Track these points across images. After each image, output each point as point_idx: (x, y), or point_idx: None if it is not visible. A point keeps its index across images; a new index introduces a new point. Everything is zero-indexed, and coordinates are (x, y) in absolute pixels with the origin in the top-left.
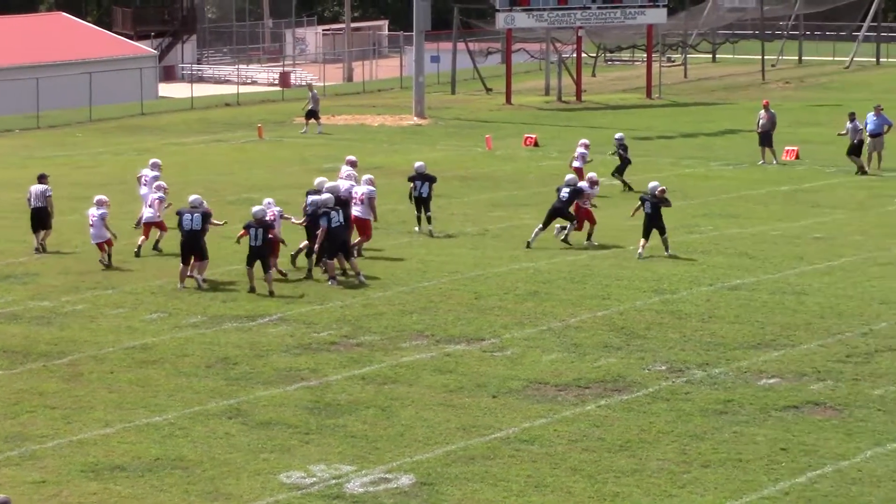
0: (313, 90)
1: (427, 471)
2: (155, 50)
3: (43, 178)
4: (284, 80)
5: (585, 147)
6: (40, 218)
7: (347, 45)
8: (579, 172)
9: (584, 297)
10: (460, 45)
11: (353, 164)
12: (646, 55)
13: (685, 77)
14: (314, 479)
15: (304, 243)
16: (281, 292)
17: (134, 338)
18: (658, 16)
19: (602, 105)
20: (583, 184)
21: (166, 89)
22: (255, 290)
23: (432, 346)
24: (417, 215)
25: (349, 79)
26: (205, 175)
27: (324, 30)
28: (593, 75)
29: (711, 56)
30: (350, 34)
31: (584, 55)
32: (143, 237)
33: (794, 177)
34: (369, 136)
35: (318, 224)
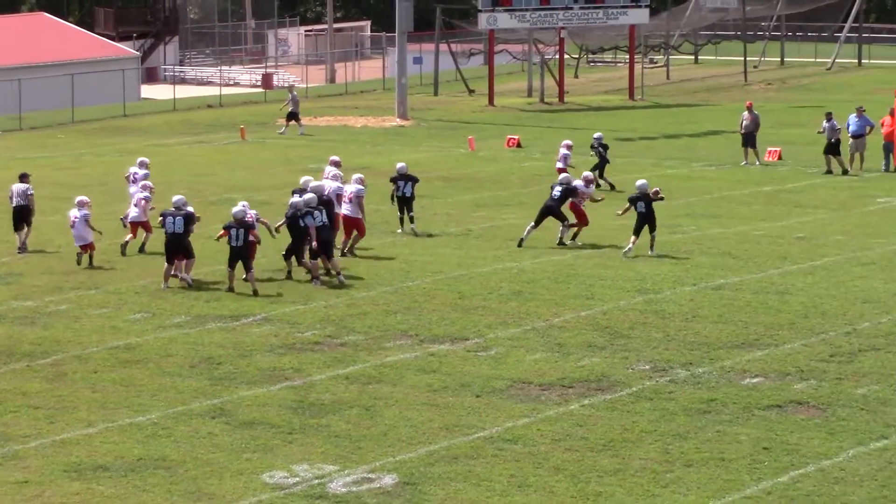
0: (293, 92)
1: (410, 470)
2: (137, 51)
3: (24, 177)
4: (267, 81)
5: (568, 148)
6: (22, 216)
7: (330, 46)
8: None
9: (567, 297)
10: (443, 47)
11: (336, 164)
12: (628, 56)
13: (667, 78)
14: (297, 478)
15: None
16: (265, 292)
17: (118, 338)
18: (640, 16)
19: (585, 106)
20: (578, 182)
21: (149, 91)
22: (235, 290)
23: (416, 345)
24: (400, 216)
25: (332, 80)
26: (187, 176)
27: (306, 31)
28: (576, 76)
29: (694, 57)
30: (332, 35)
31: (566, 56)
32: (131, 235)
33: (777, 177)
34: (352, 137)
35: (297, 226)
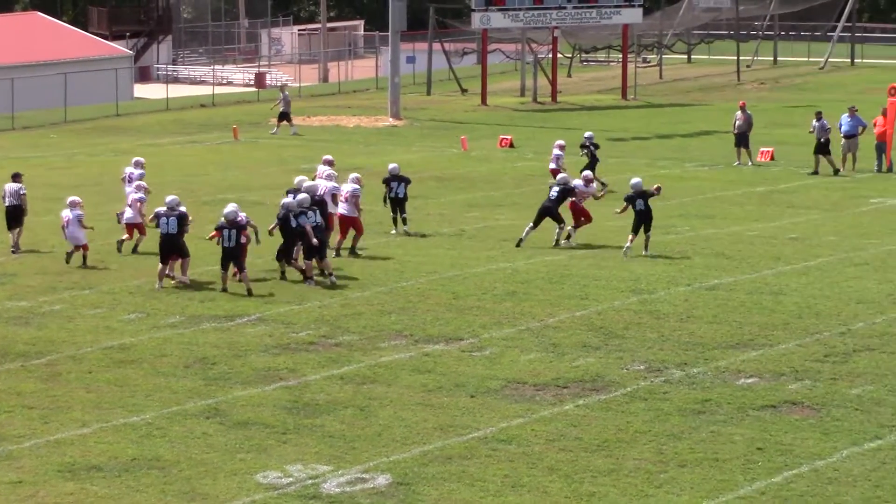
0: (285, 92)
1: (404, 471)
2: (130, 50)
3: (17, 176)
4: (260, 80)
5: (560, 149)
6: (15, 216)
7: (323, 45)
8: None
9: (562, 297)
10: (436, 46)
11: (330, 163)
12: (621, 56)
13: (660, 78)
14: (291, 479)
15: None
16: (260, 292)
17: (112, 338)
18: (633, 16)
19: (578, 106)
20: (577, 182)
21: (142, 90)
22: (228, 291)
23: (411, 345)
24: (394, 217)
25: (325, 79)
26: (180, 176)
27: (299, 30)
28: (569, 76)
29: (687, 57)
30: (326, 34)
31: (559, 56)
32: (127, 236)
33: (770, 178)
34: (345, 137)
35: (289, 226)
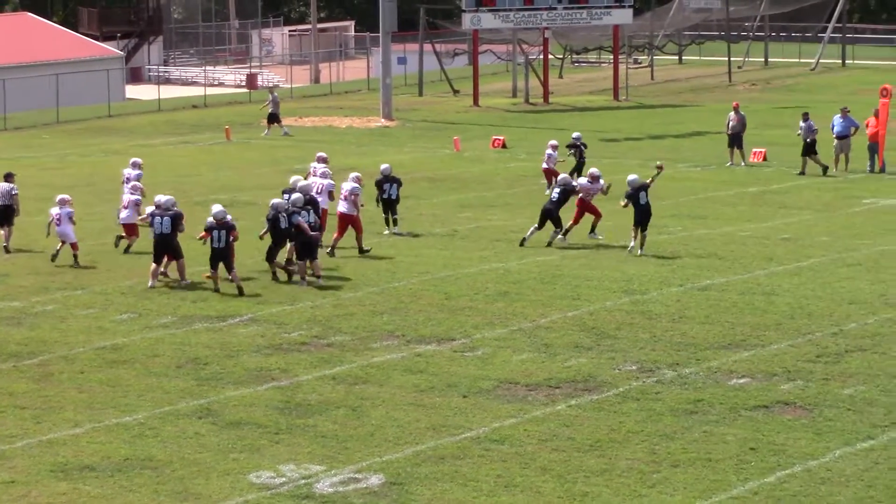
0: (274, 93)
1: (397, 470)
2: (121, 51)
3: (9, 176)
4: (251, 81)
5: (553, 149)
6: (6, 216)
7: (314, 46)
8: (548, 173)
9: (554, 298)
10: (427, 47)
11: (324, 160)
12: (612, 57)
13: (652, 79)
14: (283, 479)
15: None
16: (252, 292)
17: (104, 338)
18: (624, 16)
19: (569, 107)
20: (582, 180)
21: (133, 91)
22: (220, 291)
23: (403, 346)
24: (385, 217)
25: (316, 80)
26: (172, 177)
27: (290, 31)
28: (560, 77)
29: (678, 58)
30: (316, 35)
31: (550, 57)
32: (124, 234)
33: (762, 178)
34: (337, 137)
35: (278, 227)
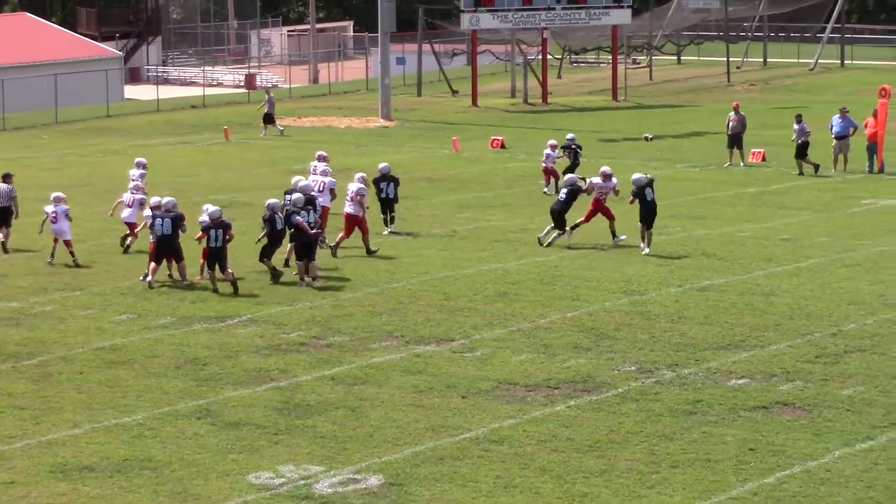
0: (270, 94)
1: (396, 471)
2: (120, 51)
3: (7, 177)
4: (250, 81)
5: (552, 148)
6: (5, 217)
7: (313, 46)
8: (548, 172)
9: (553, 298)
10: (426, 47)
11: (324, 159)
12: (611, 57)
13: (651, 79)
14: (283, 479)
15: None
16: (251, 292)
17: (103, 339)
18: (622, 17)
19: (568, 107)
20: (595, 179)
21: (132, 91)
22: (219, 291)
23: (402, 346)
24: (384, 217)
25: (315, 80)
26: (171, 177)
27: (289, 31)
28: (559, 77)
29: (676, 58)
30: (315, 35)
31: (549, 57)
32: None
33: (761, 178)
34: (336, 138)
35: (274, 227)
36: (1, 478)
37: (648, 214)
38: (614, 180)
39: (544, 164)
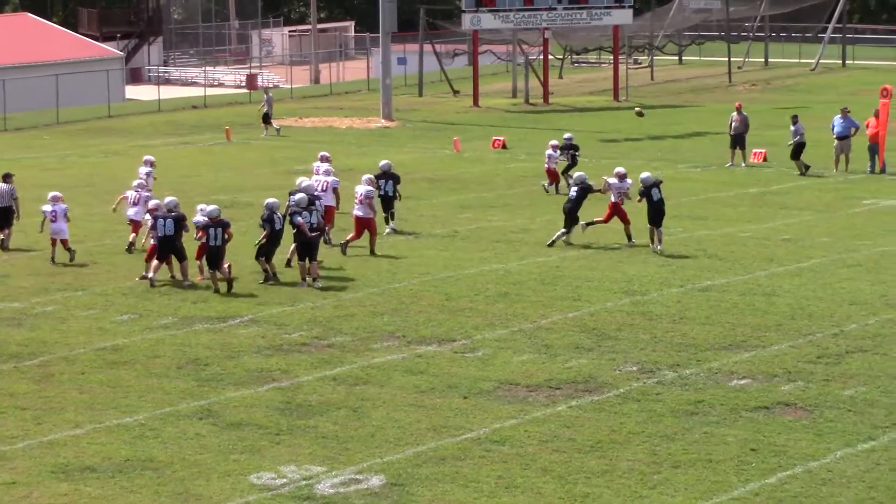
0: (269, 94)
1: (397, 471)
2: (121, 52)
3: (8, 177)
4: (251, 82)
5: (554, 149)
6: (6, 217)
7: (314, 46)
8: (550, 173)
9: (554, 299)
10: (427, 47)
11: (327, 159)
12: (612, 57)
13: (652, 79)
14: (284, 479)
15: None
16: (251, 292)
17: (105, 339)
18: (624, 17)
19: (569, 107)
20: (612, 179)
21: (133, 91)
22: (220, 291)
23: (403, 347)
24: (385, 215)
25: (316, 81)
26: (173, 177)
27: (290, 31)
28: (560, 77)
29: (678, 58)
30: (316, 35)
31: (550, 57)
32: (133, 233)
33: (762, 179)
34: (337, 138)
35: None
36: (3, 478)
37: (656, 214)
38: (629, 181)
39: (547, 165)
